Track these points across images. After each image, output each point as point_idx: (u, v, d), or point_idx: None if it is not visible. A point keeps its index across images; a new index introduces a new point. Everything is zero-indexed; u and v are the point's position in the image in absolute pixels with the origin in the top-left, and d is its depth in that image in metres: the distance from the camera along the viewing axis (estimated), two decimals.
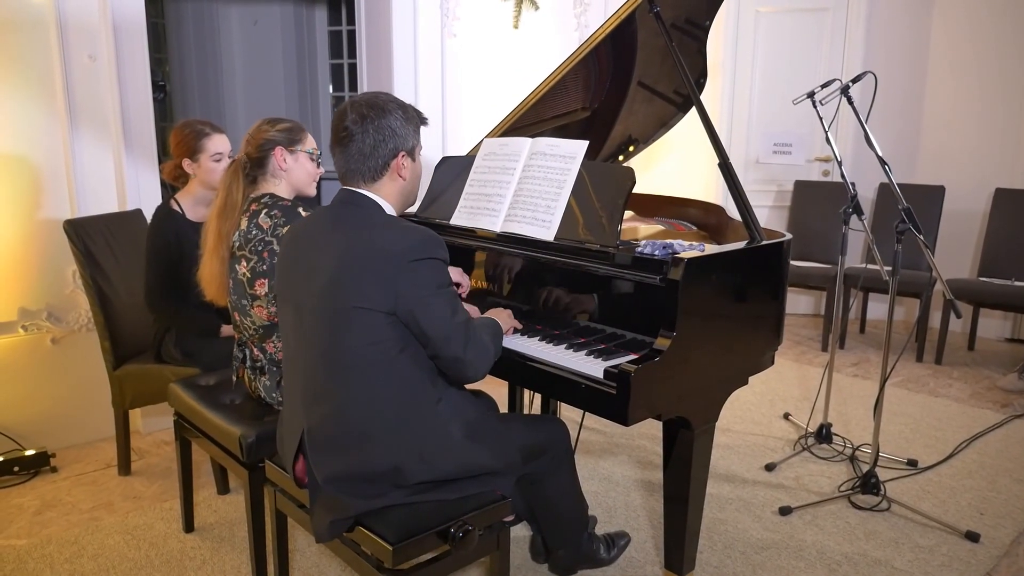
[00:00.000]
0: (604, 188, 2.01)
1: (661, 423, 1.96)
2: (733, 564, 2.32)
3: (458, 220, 2.31)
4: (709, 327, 1.90)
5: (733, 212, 2.29)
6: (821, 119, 2.93)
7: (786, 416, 3.48)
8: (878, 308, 5.06)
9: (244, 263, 2.05)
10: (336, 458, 1.63)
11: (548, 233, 2.06)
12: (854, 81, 2.86)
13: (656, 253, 1.85)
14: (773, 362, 2.18)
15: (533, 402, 3.09)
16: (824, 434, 3.13)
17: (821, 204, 4.81)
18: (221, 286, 2.16)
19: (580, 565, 2.20)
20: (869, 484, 2.67)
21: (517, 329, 2.05)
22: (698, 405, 1.93)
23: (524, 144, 2.23)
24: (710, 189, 5.02)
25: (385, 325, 1.58)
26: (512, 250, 2.16)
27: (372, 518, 1.61)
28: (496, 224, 2.19)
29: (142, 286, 2.61)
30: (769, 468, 2.95)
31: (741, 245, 2.02)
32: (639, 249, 1.89)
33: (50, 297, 3.03)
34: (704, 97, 2.40)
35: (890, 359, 2.65)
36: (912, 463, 2.98)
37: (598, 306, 1.97)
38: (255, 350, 2.14)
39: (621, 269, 1.89)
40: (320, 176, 2.25)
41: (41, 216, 2.97)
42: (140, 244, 2.69)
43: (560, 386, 1.86)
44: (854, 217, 2.92)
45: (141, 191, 3.17)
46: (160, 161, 3.04)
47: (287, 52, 7.41)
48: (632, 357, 1.80)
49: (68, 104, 2.95)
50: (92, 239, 2.73)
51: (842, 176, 2.89)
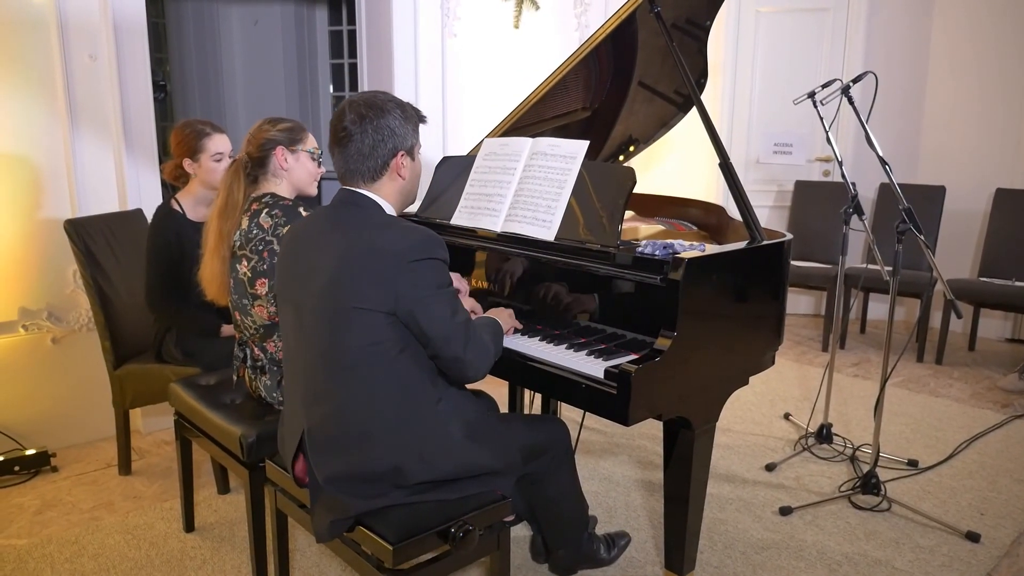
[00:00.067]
0: (605, 188, 2.01)
1: (661, 423, 1.96)
2: (733, 564, 2.32)
3: (459, 220, 2.31)
4: (710, 327, 1.90)
5: (734, 212, 2.29)
6: (822, 119, 2.92)
7: (786, 416, 3.48)
8: (879, 308, 5.06)
9: (245, 262, 2.05)
10: (336, 458, 1.63)
11: (549, 233, 2.05)
12: (855, 81, 2.86)
13: (657, 253, 1.85)
14: (774, 362, 2.18)
15: (533, 402, 3.09)
16: (824, 434, 3.13)
17: (822, 204, 4.81)
18: (222, 286, 2.16)
19: (580, 565, 2.20)
20: (869, 484, 2.67)
21: (517, 329, 2.05)
22: (699, 405, 1.93)
23: (525, 144, 2.23)
24: (711, 189, 5.02)
25: (385, 325, 1.57)
26: (513, 250, 2.15)
27: (372, 518, 1.61)
28: (497, 224, 2.19)
29: (143, 286, 2.61)
30: (769, 468, 2.94)
31: (742, 245, 2.02)
32: (640, 249, 1.89)
33: (51, 297, 3.03)
34: (704, 97, 2.40)
35: (891, 359, 2.65)
36: (912, 463, 2.98)
37: (599, 306, 1.97)
38: (256, 349, 2.14)
39: (622, 269, 1.89)
40: (321, 176, 2.25)
41: (42, 216, 2.97)
42: (141, 244, 2.69)
43: (560, 386, 1.86)
44: (855, 217, 2.91)
45: (142, 191, 3.17)
46: (161, 161, 3.04)
47: (287, 52, 7.40)
48: (633, 357, 1.80)
49: (69, 104, 2.95)
50: (93, 239, 2.73)
51: (843, 176, 2.89)
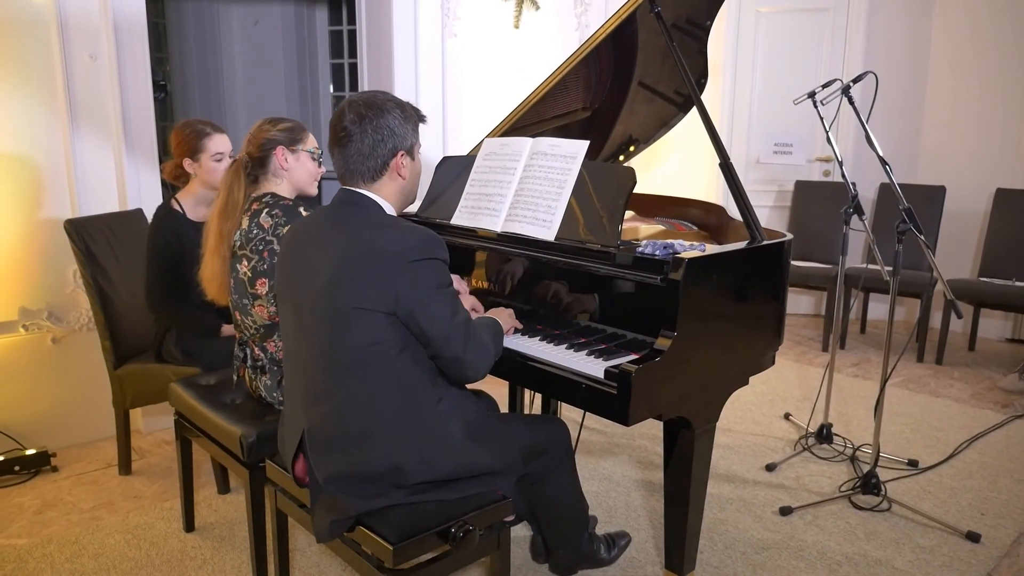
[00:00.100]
0: (605, 188, 2.01)
1: (662, 423, 1.96)
2: (733, 564, 2.32)
3: (459, 220, 2.31)
4: (710, 327, 1.90)
5: (734, 212, 2.29)
6: (822, 119, 2.92)
7: (787, 416, 3.48)
8: (879, 308, 5.06)
9: (245, 262, 2.05)
10: (337, 458, 1.63)
11: (549, 233, 2.05)
12: (855, 81, 2.86)
13: (657, 253, 1.84)
14: (774, 362, 2.18)
15: (533, 402, 3.09)
16: (825, 434, 3.13)
17: (822, 204, 4.81)
18: (222, 285, 2.16)
19: (580, 565, 2.20)
20: (870, 484, 2.67)
21: (518, 329, 2.05)
22: (699, 405, 1.93)
23: (525, 144, 2.23)
24: (711, 189, 5.02)
25: (385, 325, 1.57)
26: (513, 250, 2.15)
27: (373, 518, 1.61)
28: (497, 224, 2.19)
29: (143, 286, 2.61)
30: (770, 468, 2.94)
31: (742, 245, 2.01)
32: (640, 249, 1.89)
33: (51, 297, 3.03)
34: (705, 97, 2.40)
35: (891, 359, 2.65)
36: (913, 463, 2.98)
37: (599, 306, 1.97)
38: (256, 349, 2.14)
39: (622, 269, 1.89)
40: (321, 176, 2.25)
41: (42, 215, 2.97)
42: (141, 244, 2.69)
43: (561, 386, 1.86)
44: (855, 217, 2.91)
45: (142, 191, 3.17)
46: (161, 161, 3.04)
47: (288, 52, 7.41)
48: (633, 357, 1.80)
49: (69, 104, 2.95)
50: (93, 238, 2.73)
51: (843, 176, 2.89)
